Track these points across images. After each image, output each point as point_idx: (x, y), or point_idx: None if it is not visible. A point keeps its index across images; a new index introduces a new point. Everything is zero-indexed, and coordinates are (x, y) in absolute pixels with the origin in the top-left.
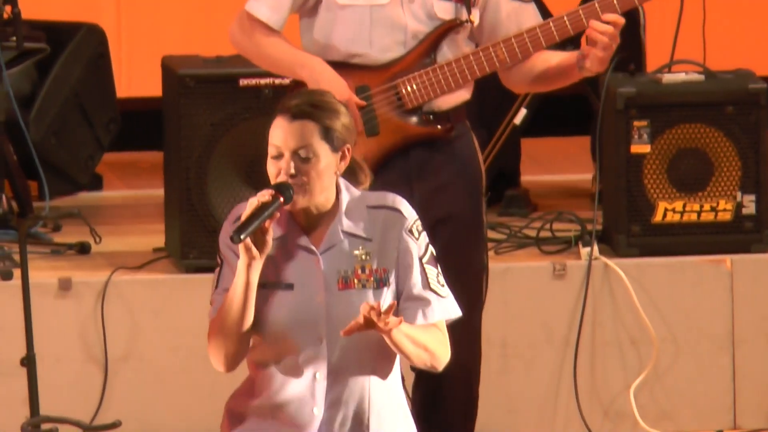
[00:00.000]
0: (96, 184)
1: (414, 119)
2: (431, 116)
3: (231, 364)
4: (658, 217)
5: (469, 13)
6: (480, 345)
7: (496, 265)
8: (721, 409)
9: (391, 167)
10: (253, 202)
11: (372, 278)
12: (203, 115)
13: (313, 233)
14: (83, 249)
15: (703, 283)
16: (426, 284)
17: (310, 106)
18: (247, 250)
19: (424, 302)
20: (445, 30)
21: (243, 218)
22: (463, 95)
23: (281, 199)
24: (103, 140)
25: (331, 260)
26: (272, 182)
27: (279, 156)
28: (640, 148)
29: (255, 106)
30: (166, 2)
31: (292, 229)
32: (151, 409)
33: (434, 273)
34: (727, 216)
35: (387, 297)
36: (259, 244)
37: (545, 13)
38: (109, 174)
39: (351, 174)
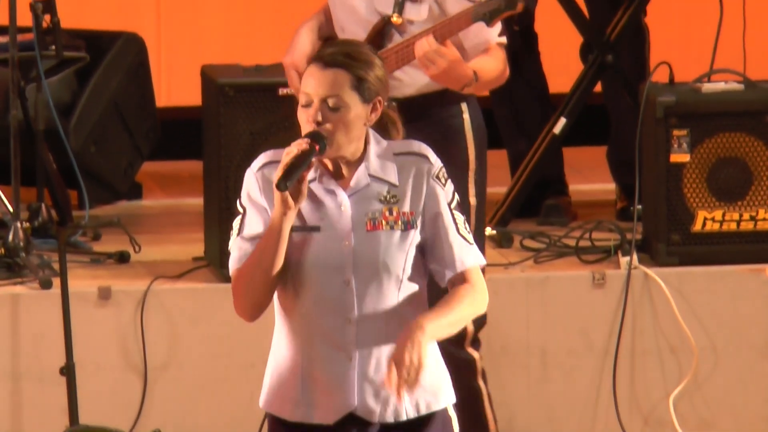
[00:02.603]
0: (135, 193)
1: None
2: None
3: (257, 312)
4: (697, 226)
5: (401, 12)
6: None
7: (535, 274)
8: (762, 419)
9: None
10: (292, 151)
11: (399, 220)
12: (243, 124)
13: (341, 179)
14: (123, 258)
15: (742, 293)
16: (456, 230)
17: (343, 56)
18: (284, 200)
19: (458, 247)
20: (379, 26)
21: (284, 166)
22: (432, 84)
23: (317, 147)
24: (143, 149)
25: (358, 203)
26: (302, 131)
27: (308, 104)
28: (679, 157)
29: (294, 115)
30: (206, 11)
31: (320, 174)
32: (190, 418)
33: (462, 219)
34: (766, 225)
35: (414, 239)
36: (295, 194)
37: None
38: (149, 183)
39: (382, 128)
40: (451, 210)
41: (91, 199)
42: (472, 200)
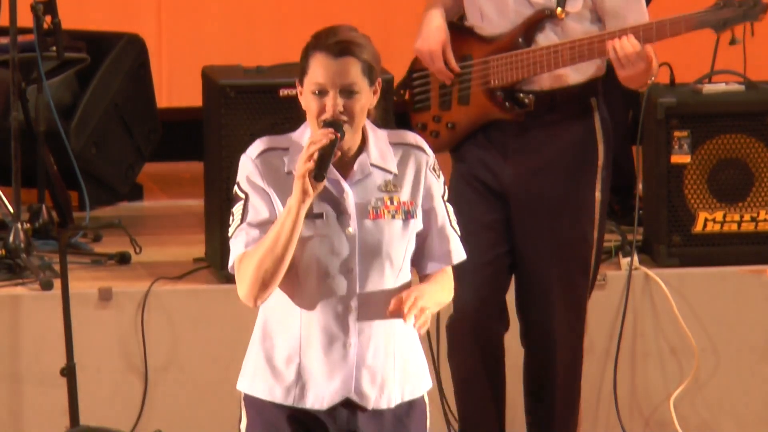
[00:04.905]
0: (136, 194)
1: (498, 98)
2: (528, 95)
3: (263, 296)
4: (698, 228)
5: (563, 5)
6: (584, 324)
7: None
8: (762, 420)
9: (487, 137)
10: (319, 141)
11: (400, 209)
12: (243, 125)
13: (342, 167)
14: (123, 259)
15: (743, 294)
16: (449, 221)
17: (349, 43)
18: (305, 189)
19: (450, 240)
20: (537, 18)
21: (315, 157)
22: (573, 77)
23: (338, 136)
24: (144, 150)
25: (360, 191)
26: (312, 118)
27: (323, 93)
28: (680, 158)
29: (295, 116)
30: (207, 13)
31: None
32: (190, 419)
33: (452, 211)
34: (767, 226)
35: (414, 229)
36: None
37: None
38: (150, 184)
39: None
40: (444, 203)
41: (91, 200)
42: (598, 195)
